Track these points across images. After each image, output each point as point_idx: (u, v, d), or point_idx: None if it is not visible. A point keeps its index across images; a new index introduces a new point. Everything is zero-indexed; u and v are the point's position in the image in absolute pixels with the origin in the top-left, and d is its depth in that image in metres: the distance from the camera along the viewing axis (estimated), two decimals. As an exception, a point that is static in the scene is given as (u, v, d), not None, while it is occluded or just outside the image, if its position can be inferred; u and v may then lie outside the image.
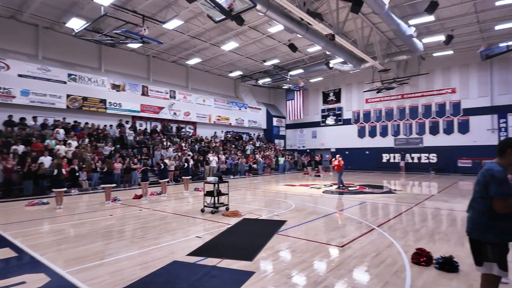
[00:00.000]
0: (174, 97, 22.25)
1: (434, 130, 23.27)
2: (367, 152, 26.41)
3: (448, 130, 22.64)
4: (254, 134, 29.58)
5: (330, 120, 29.07)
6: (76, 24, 14.16)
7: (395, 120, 25.18)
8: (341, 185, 13.80)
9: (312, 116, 30.51)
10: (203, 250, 5.08)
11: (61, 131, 15.44)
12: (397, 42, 19.43)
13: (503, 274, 2.64)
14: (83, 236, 6.14)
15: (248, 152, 24.57)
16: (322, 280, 3.85)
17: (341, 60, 19.89)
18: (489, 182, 2.62)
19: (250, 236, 5.90)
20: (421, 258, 4.29)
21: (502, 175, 2.58)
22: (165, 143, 19.28)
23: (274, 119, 30.93)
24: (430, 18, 14.82)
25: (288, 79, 24.64)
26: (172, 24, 15.54)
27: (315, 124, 30.26)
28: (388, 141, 25.44)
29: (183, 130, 23.25)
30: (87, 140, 15.85)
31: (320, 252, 4.94)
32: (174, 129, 22.56)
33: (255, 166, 23.03)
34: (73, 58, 18.01)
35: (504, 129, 20.51)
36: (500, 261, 2.61)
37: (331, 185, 14.72)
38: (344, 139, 27.87)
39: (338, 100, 28.71)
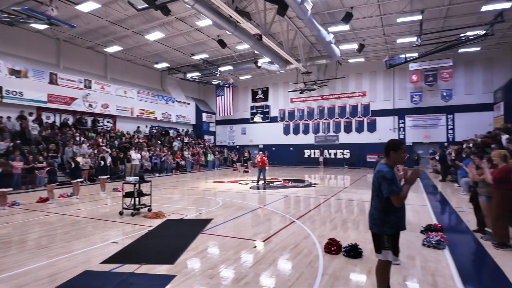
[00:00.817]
0: (90, 87, 20.07)
1: (348, 129, 25.93)
2: (291, 148, 28.03)
3: (359, 129, 25.48)
4: (182, 129, 28.65)
5: (258, 118, 29.95)
6: (-43, -7, 11.62)
7: (315, 119, 27.27)
8: (262, 181, 14.15)
9: (241, 113, 30.98)
10: (120, 257, 4.73)
11: None
12: (318, 47, 20.96)
13: (395, 259, 3.16)
14: (-34, 251, 5.13)
15: (176, 148, 23.72)
16: (243, 276, 3.95)
17: (268, 60, 20.57)
18: (381, 183, 3.02)
19: (173, 238, 5.71)
20: (332, 247, 4.75)
21: (391, 175, 2.99)
22: (78, 139, 17.31)
23: (204, 115, 30.45)
24: (346, 27, 16.36)
25: (217, 75, 24.48)
26: (87, 6, 13.96)
27: (245, 121, 30.82)
28: (309, 138, 27.44)
29: (100, 123, 21.20)
30: (-26, 134, 13.25)
31: (243, 249, 5.06)
32: (89, 123, 20.41)
33: (182, 163, 22.37)
34: (-46, 34, 14.79)
35: (402, 128, 24.01)
36: (394, 248, 3.10)
37: (258, 181, 15.14)
38: (271, 136, 29.06)
39: (266, 98, 29.72)
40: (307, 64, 20.67)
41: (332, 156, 26.32)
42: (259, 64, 21.93)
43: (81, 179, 11.80)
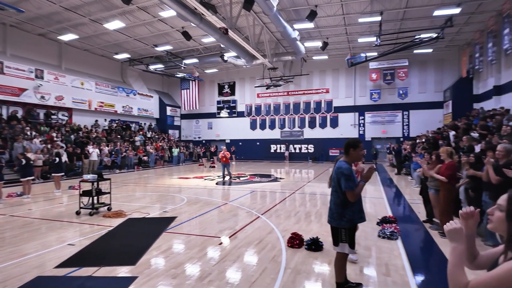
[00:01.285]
0: (42, 78, 18.59)
1: (312, 124, 26.68)
2: (258, 143, 28.26)
3: (323, 125, 26.33)
4: (145, 123, 27.63)
5: (225, 112, 29.72)
6: None
7: (281, 115, 27.70)
8: (227, 177, 14.08)
9: (208, 107, 30.55)
10: (76, 259, 4.49)
11: None
12: (284, 43, 21.18)
13: (352, 252, 3.39)
14: None
15: (138, 143, 22.85)
16: (207, 274, 3.95)
17: (235, 54, 20.44)
18: (340, 179, 3.20)
19: (135, 238, 5.53)
20: (294, 241, 4.90)
21: (349, 172, 3.19)
22: (29, 133, 16.01)
23: (168, 108, 29.59)
24: (310, 25, 16.69)
25: (182, 68, 23.86)
26: (38, -11, 12.86)
27: (211, 115, 30.45)
28: (276, 133, 27.86)
29: (54, 117, 19.77)
30: None
31: (208, 246, 5.04)
32: (41, 116, 18.95)
33: (145, 158, 21.62)
34: None
35: (362, 124, 25.19)
36: (350, 242, 3.30)
37: (223, 177, 15.10)
38: (238, 130, 29.04)
39: (232, 93, 29.56)
40: (273, 60, 20.84)
41: (297, 150, 26.96)
42: (225, 58, 21.72)
43: (33, 177, 10.96)
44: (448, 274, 1.35)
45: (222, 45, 19.43)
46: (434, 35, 15.73)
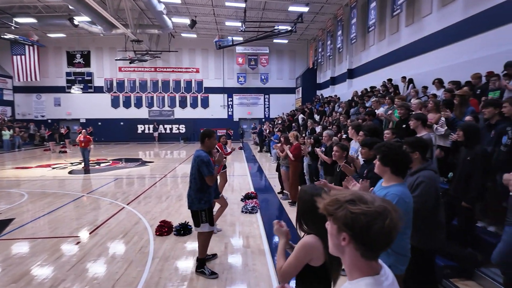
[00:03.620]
0: None
1: (183, 104, 26.23)
2: (121, 123, 25.70)
3: (194, 105, 26.30)
4: (-45, 97, 20.58)
5: (77, 86, 25.27)
6: None
7: (149, 92, 25.95)
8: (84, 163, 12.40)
9: (53, 79, 25.26)
10: None
11: None
12: (149, 15, 19.56)
13: (212, 228, 3.73)
14: None
15: None
16: (61, 281, 3.48)
17: (88, 19, 17.46)
18: (200, 166, 3.52)
19: None
20: (163, 229, 4.88)
21: (207, 159, 3.58)
22: None
23: (-7, 79, 22.87)
24: (177, 0, 15.97)
25: (13, 28, 18.66)
26: None
27: (59, 89, 25.37)
28: (143, 113, 26.01)
29: None
30: None
31: (61, 249, 4.41)
32: None
33: (-41, 144, 16.32)
34: None
35: (231, 105, 26.56)
36: (210, 220, 3.65)
37: (79, 163, 13.14)
38: (96, 108, 25.44)
39: (87, 64, 25.41)
40: (136, 31, 18.94)
41: (168, 131, 26.10)
42: (76, 23, 18.21)
43: None
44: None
45: (71, 7, 16.23)
46: (289, 28, 17.84)
